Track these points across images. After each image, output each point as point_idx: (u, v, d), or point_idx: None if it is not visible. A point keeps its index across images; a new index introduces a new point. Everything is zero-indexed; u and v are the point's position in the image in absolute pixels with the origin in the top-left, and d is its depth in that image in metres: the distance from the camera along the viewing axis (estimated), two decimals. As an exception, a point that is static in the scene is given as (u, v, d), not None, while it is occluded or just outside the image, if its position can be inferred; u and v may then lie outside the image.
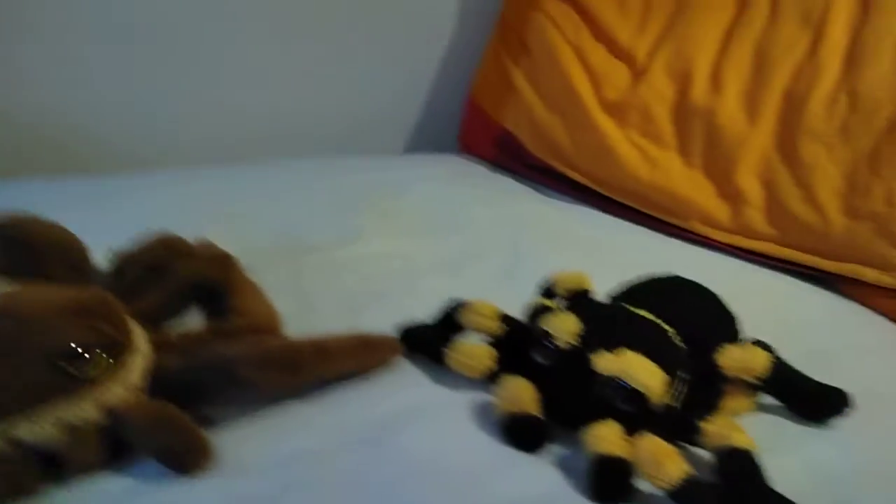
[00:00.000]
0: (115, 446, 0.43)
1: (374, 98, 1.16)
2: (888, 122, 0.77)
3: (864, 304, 0.74)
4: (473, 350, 0.54)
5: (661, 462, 0.43)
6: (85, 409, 0.42)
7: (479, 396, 0.53)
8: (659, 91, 0.92)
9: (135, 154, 1.01)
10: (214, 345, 0.50)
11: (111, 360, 0.43)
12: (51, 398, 0.41)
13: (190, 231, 0.70)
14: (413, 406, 0.52)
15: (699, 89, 0.89)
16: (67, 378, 0.41)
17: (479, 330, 0.57)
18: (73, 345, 0.41)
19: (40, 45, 0.93)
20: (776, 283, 0.77)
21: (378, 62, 1.14)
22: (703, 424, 0.47)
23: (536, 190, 1.00)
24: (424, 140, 1.23)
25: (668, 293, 0.59)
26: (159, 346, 0.49)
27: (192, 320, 0.60)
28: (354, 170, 1.00)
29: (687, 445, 0.49)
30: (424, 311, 0.63)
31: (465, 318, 0.58)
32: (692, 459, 0.48)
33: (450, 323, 0.60)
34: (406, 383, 0.54)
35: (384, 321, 0.61)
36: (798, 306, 0.73)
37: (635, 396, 0.48)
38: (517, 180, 1.03)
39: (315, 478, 0.44)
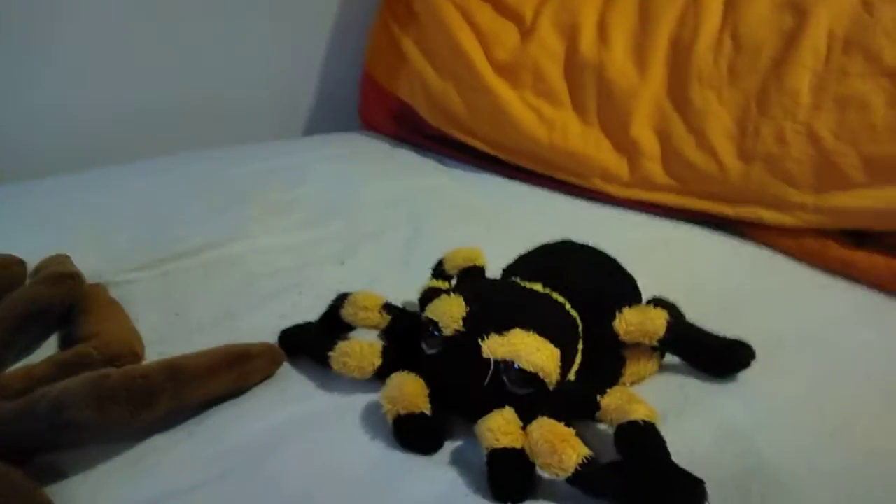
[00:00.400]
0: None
1: (266, 80, 1.08)
2: (772, 61, 0.76)
3: (767, 245, 0.73)
4: (356, 348, 0.49)
5: (556, 448, 0.40)
6: None
7: (371, 398, 0.49)
8: (548, 48, 0.89)
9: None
10: (61, 380, 0.44)
11: None
12: None
13: (47, 247, 0.63)
14: (297, 420, 0.47)
15: (587, 44, 0.86)
16: None
17: (361, 324, 0.53)
18: None
19: None
20: (680, 233, 0.76)
21: (267, 41, 1.06)
22: (601, 399, 0.45)
23: (439, 162, 0.96)
24: (326, 119, 1.16)
25: (559, 261, 0.56)
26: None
27: (48, 352, 0.53)
28: (243, 160, 0.93)
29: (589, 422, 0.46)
30: (310, 309, 0.58)
31: (348, 312, 0.53)
32: (596, 437, 0.46)
33: (336, 320, 0.55)
34: (290, 395, 0.49)
35: (265, 326, 0.56)
36: (704, 255, 0.72)
37: (530, 379, 0.45)
38: (419, 153, 0.98)
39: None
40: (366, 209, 0.82)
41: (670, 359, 0.54)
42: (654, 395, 0.47)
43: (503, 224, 0.79)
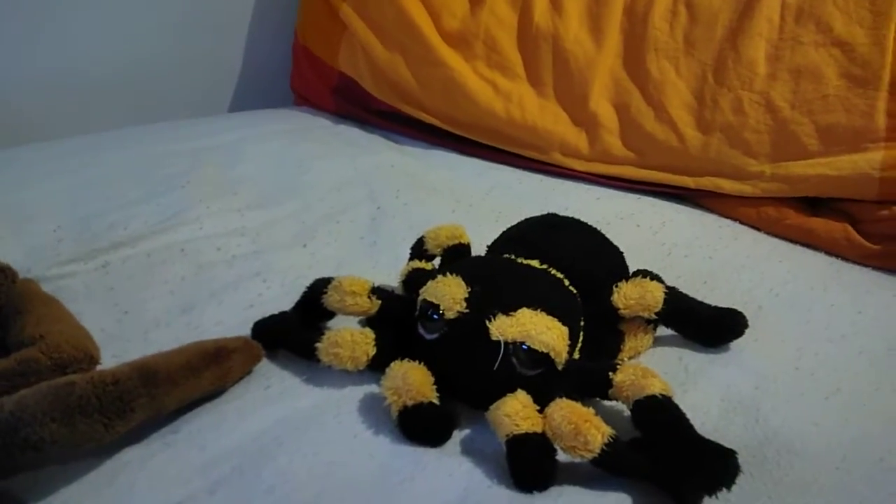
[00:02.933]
0: None
1: (187, 53, 0.99)
2: (727, 31, 0.76)
3: (727, 216, 0.74)
4: (347, 337, 0.45)
5: (580, 430, 0.39)
6: None
7: (367, 390, 0.45)
8: (500, 17, 0.86)
9: None
10: (4, 394, 0.37)
11: None
12: None
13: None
14: (289, 419, 0.42)
15: (541, 13, 0.84)
16: None
17: (349, 311, 0.49)
18: None
19: None
20: (643, 206, 0.76)
21: (187, 9, 0.97)
22: (613, 376, 0.43)
23: (386, 138, 0.91)
24: (253, 96, 1.08)
25: (549, 236, 0.54)
26: None
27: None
28: (168, 138, 0.84)
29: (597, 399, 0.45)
30: (278, 298, 0.53)
31: (331, 299, 0.49)
32: (605, 414, 0.44)
33: (314, 308, 0.50)
34: (275, 392, 0.45)
35: (230, 319, 0.50)
36: (669, 227, 0.72)
37: (541, 359, 0.43)
38: (364, 130, 0.93)
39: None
40: (318, 189, 0.76)
41: (662, 331, 0.53)
42: (654, 369, 0.45)
43: (467, 201, 0.76)
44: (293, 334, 0.48)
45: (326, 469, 0.39)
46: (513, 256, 0.50)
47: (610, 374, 0.44)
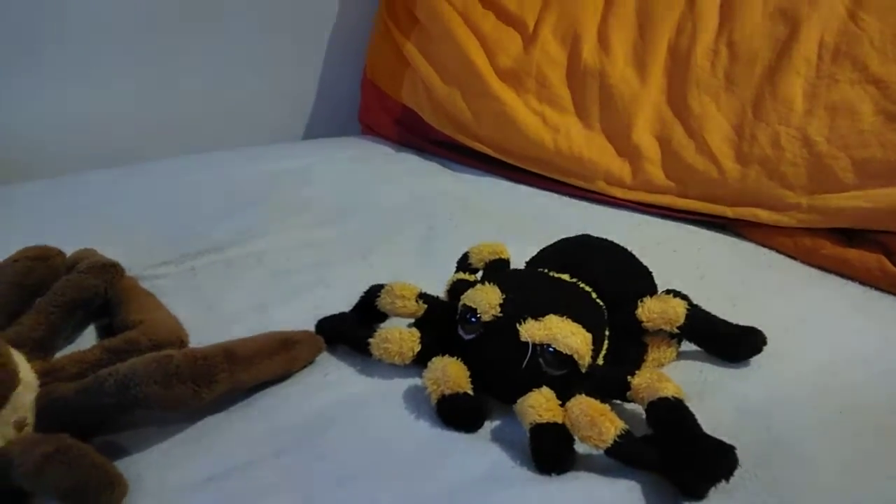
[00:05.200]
0: (12, 496, 0.38)
1: (267, 86, 1.10)
2: (766, 69, 0.80)
3: (764, 244, 0.77)
4: (395, 335, 0.52)
5: (595, 422, 0.43)
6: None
7: (410, 382, 0.51)
8: (551, 55, 0.92)
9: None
10: (112, 365, 0.45)
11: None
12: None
13: (73, 242, 0.64)
14: (343, 401, 0.49)
15: (589, 51, 0.90)
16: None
17: (398, 313, 0.55)
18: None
19: None
20: (681, 232, 0.80)
21: (267, 49, 1.08)
22: (630, 379, 0.48)
23: (443, 165, 0.99)
24: (325, 125, 1.18)
25: (581, 254, 0.59)
26: (46, 373, 0.44)
27: (88, 340, 0.54)
28: (249, 162, 0.94)
29: (618, 402, 0.49)
30: (339, 301, 0.60)
31: (383, 301, 0.55)
32: (625, 416, 0.48)
33: (369, 310, 0.57)
34: (332, 379, 0.51)
35: (297, 317, 0.57)
36: (705, 253, 0.76)
37: (565, 360, 0.48)
38: (422, 157, 1.01)
39: (249, 492, 0.41)
40: (378, 210, 0.84)
41: (686, 346, 0.57)
42: (675, 379, 0.49)
43: (513, 224, 0.82)
44: (350, 331, 0.55)
45: (372, 444, 0.45)
46: (546, 270, 0.56)
47: (628, 377, 0.48)
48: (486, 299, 0.50)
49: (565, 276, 0.54)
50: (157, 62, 0.99)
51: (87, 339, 0.54)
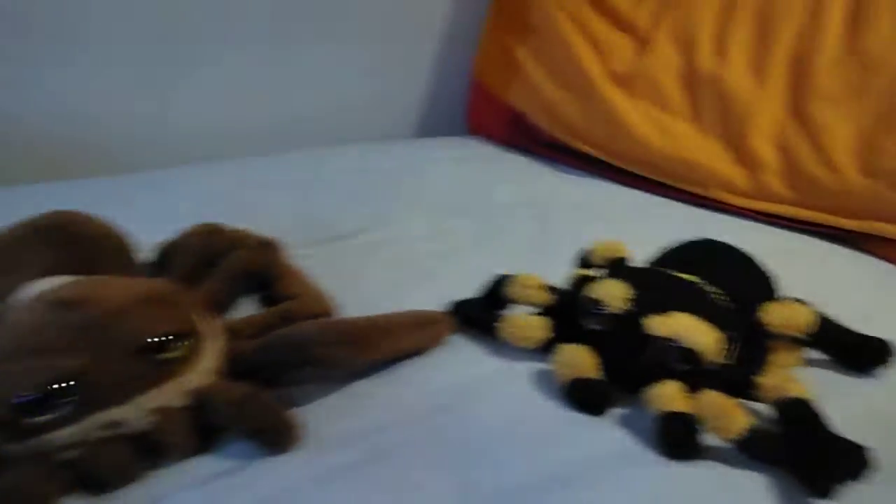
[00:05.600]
0: (204, 430, 0.44)
1: (376, 85, 1.17)
2: (892, 79, 0.78)
3: (885, 259, 0.76)
4: (527, 321, 0.55)
5: (726, 413, 0.45)
6: (172, 396, 0.43)
7: (536, 366, 0.54)
8: (665, 60, 0.93)
9: (141, 154, 1.01)
10: (281, 329, 0.51)
11: (190, 347, 0.44)
12: (141, 386, 0.42)
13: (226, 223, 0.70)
14: (474, 379, 0.53)
15: (704, 56, 0.90)
16: (154, 366, 0.42)
17: (527, 301, 0.59)
18: (155, 335, 0.42)
19: (47, 50, 0.93)
20: (799, 244, 0.79)
21: (378, 49, 1.14)
22: (758, 379, 0.49)
23: (553, 167, 1.01)
24: (431, 124, 1.23)
25: (705, 256, 0.61)
26: (228, 332, 0.50)
27: (248, 309, 0.61)
28: (368, 156, 1.00)
29: (743, 401, 0.51)
30: (463, 288, 0.64)
31: (513, 290, 0.59)
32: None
33: (494, 297, 0.61)
34: (464, 358, 0.55)
35: (427, 300, 0.62)
36: (825, 266, 0.75)
37: (690, 356, 0.50)
38: (532, 159, 1.04)
39: (396, 446, 0.45)
40: (491, 206, 0.88)
41: (811, 353, 0.57)
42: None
43: (626, 227, 0.83)
44: (480, 315, 0.59)
45: (501, 418, 0.49)
46: (670, 271, 0.58)
47: (755, 377, 0.50)
48: (612, 292, 0.52)
49: (691, 277, 0.56)
50: (281, 63, 1.07)
51: (248, 308, 0.60)
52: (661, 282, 0.55)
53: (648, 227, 0.84)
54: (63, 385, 0.39)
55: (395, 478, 0.43)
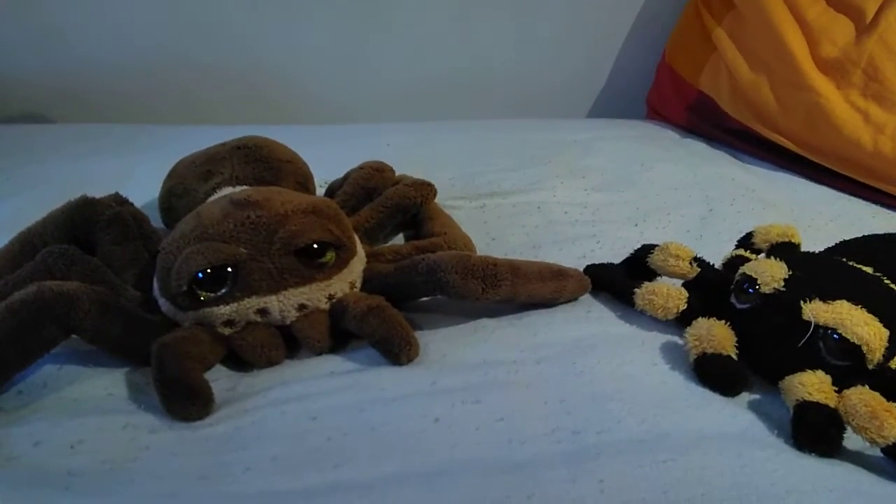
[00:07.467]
0: (338, 333, 0.49)
1: (560, 65, 1.16)
2: None
3: None
4: (663, 290, 0.53)
5: (877, 415, 0.40)
6: (316, 296, 0.48)
7: (667, 337, 0.52)
8: (890, 46, 0.82)
9: (337, 105, 1.11)
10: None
11: (338, 257, 0.49)
12: (291, 282, 0.47)
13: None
14: (599, 338, 0.52)
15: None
16: (304, 267, 0.47)
17: (670, 271, 0.56)
18: (310, 240, 0.47)
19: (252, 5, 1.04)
20: None
21: (565, 28, 1.14)
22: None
23: (733, 155, 0.94)
24: (609, 106, 1.21)
25: (888, 248, 0.53)
26: (372, 254, 0.54)
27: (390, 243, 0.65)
28: (540, 129, 1.01)
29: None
30: (606, 256, 0.62)
31: (657, 258, 0.57)
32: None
33: (636, 267, 0.59)
34: (594, 316, 0.55)
35: (566, 261, 0.61)
36: None
37: (850, 350, 0.44)
38: (710, 145, 0.98)
39: (510, 380, 0.46)
40: (656, 185, 0.84)
41: None
42: None
43: (805, 223, 0.76)
44: (617, 280, 0.57)
45: (624, 377, 0.47)
46: (844, 260, 0.52)
47: (922, 386, 0.43)
48: (770, 271, 0.48)
49: (868, 269, 0.50)
50: (469, 34, 1.11)
51: (397, 242, 0.65)
52: (829, 268, 0.50)
53: (833, 228, 0.76)
54: (227, 268, 0.46)
55: (493, 413, 0.43)
